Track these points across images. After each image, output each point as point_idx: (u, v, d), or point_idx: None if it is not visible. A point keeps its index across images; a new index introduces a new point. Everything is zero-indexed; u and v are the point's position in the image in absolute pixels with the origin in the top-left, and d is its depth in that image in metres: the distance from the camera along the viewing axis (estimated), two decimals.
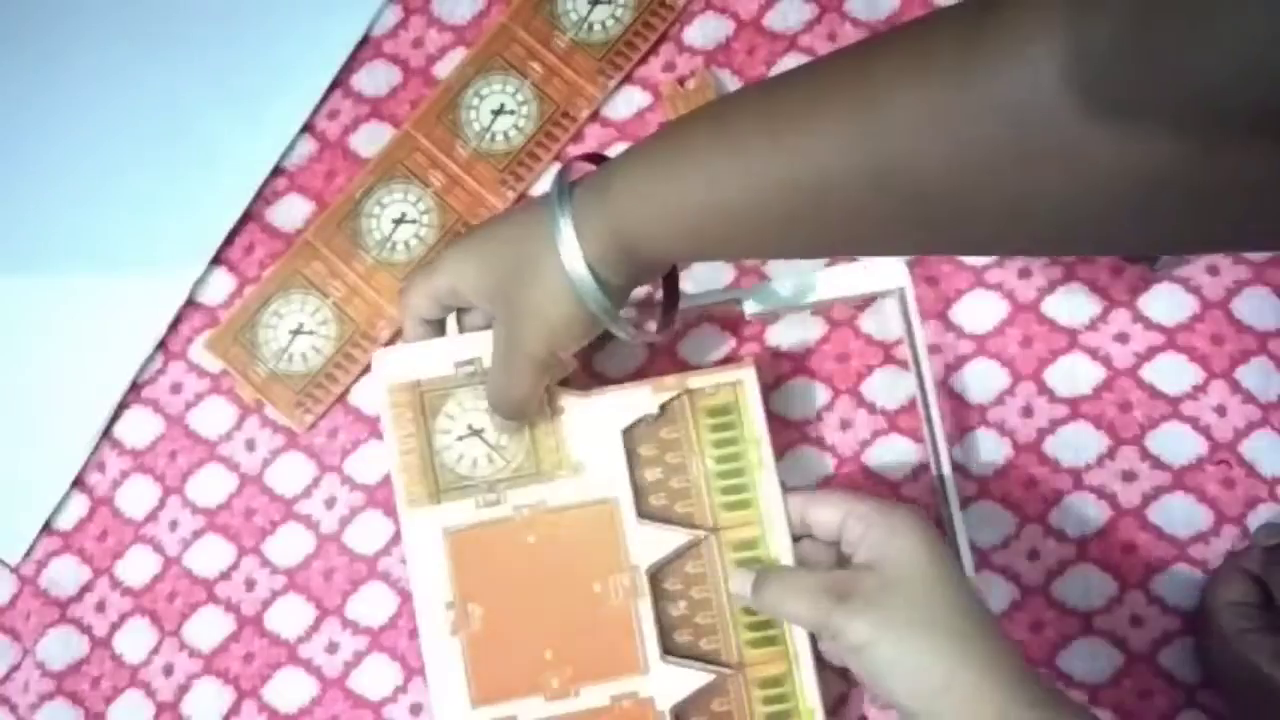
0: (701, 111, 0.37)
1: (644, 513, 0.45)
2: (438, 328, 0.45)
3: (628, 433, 0.45)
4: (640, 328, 0.46)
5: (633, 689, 0.43)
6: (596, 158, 0.42)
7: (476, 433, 0.45)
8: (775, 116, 0.33)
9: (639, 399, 0.45)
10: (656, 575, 0.44)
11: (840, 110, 0.31)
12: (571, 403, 0.45)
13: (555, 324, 0.40)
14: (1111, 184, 0.27)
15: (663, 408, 0.45)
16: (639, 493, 0.45)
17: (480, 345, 0.44)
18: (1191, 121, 0.25)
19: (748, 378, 0.45)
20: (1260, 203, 0.27)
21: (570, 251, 0.38)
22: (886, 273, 0.47)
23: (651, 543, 0.44)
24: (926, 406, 0.47)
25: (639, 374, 0.50)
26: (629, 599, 0.44)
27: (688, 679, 0.43)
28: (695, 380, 0.45)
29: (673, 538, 0.44)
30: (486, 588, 0.44)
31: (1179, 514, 0.48)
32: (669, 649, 0.44)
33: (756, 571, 0.43)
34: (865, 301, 0.50)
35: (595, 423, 0.44)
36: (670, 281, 0.45)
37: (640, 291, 0.49)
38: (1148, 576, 0.47)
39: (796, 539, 0.44)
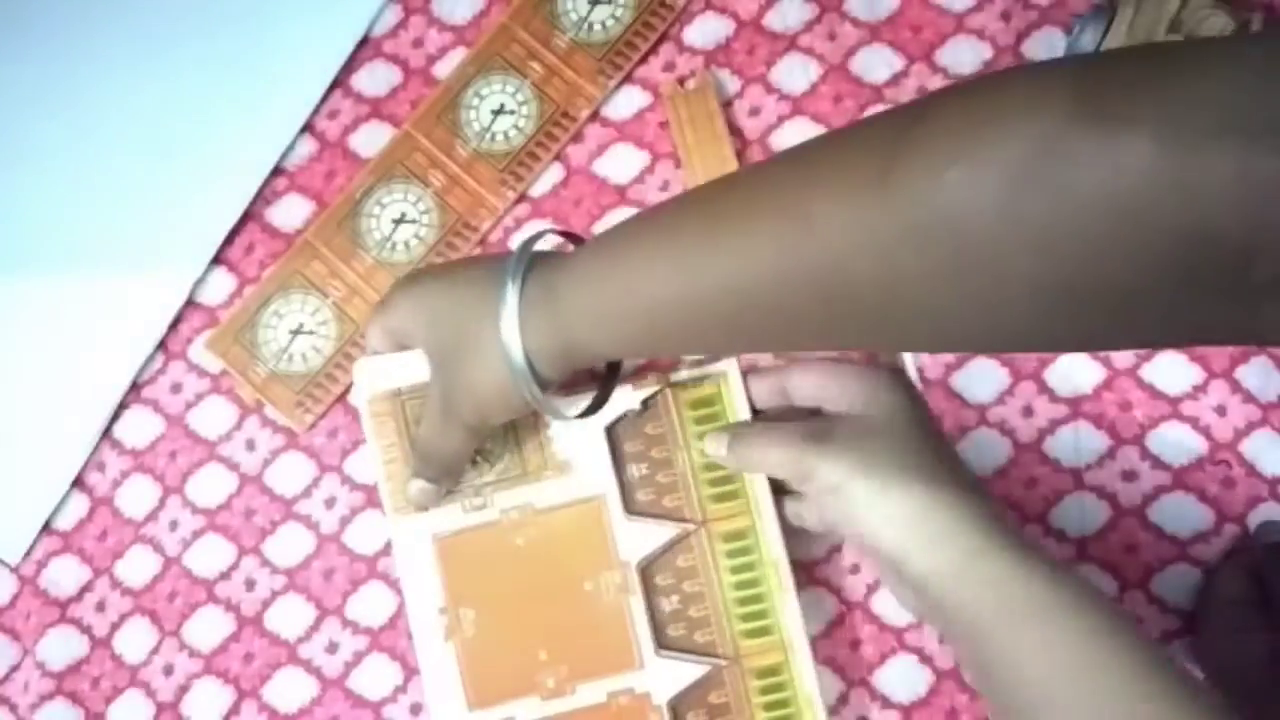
0: (653, 210, 0.37)
1: (632, 509, 0.45)
2: None
3: (611, 430, 0.45)
4: (570, 397, 0.45)
5: (629, 685, 0.44)
6: (572, 236, 0.42)
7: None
8: (717, 218, 0.33)
9: (621, 396, 0.45)
10: (647, 570, 0.45)
11: (773, 218, 0.31)
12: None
13: (488, 398, 0.40)
14: (1036, 299, 0.27)
15: (645, 403, 0.45)
16: (626, 489, 0.45)
17: None
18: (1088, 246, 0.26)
19: (731, 369, 0.45)
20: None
21: (511, 340, 0.38)
22: None
23: (640, 538, 0.44)
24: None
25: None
26: (621, 596, 0.44)
27: (683, 672, 0.44)
28: (678, 375, 0.46)
29: (662, 532, 0.44)
30: (478, 592, 0.44)
31: (1179, 513, 0.48)
32: (663, 643, 0.44)
33: (730, 429, 0.43)
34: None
35: (579, 421, 0.44)
36: (613, 367, 0.44)
37: None
38: (1147, 576, 0.47)
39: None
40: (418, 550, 0.44)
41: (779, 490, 0.45)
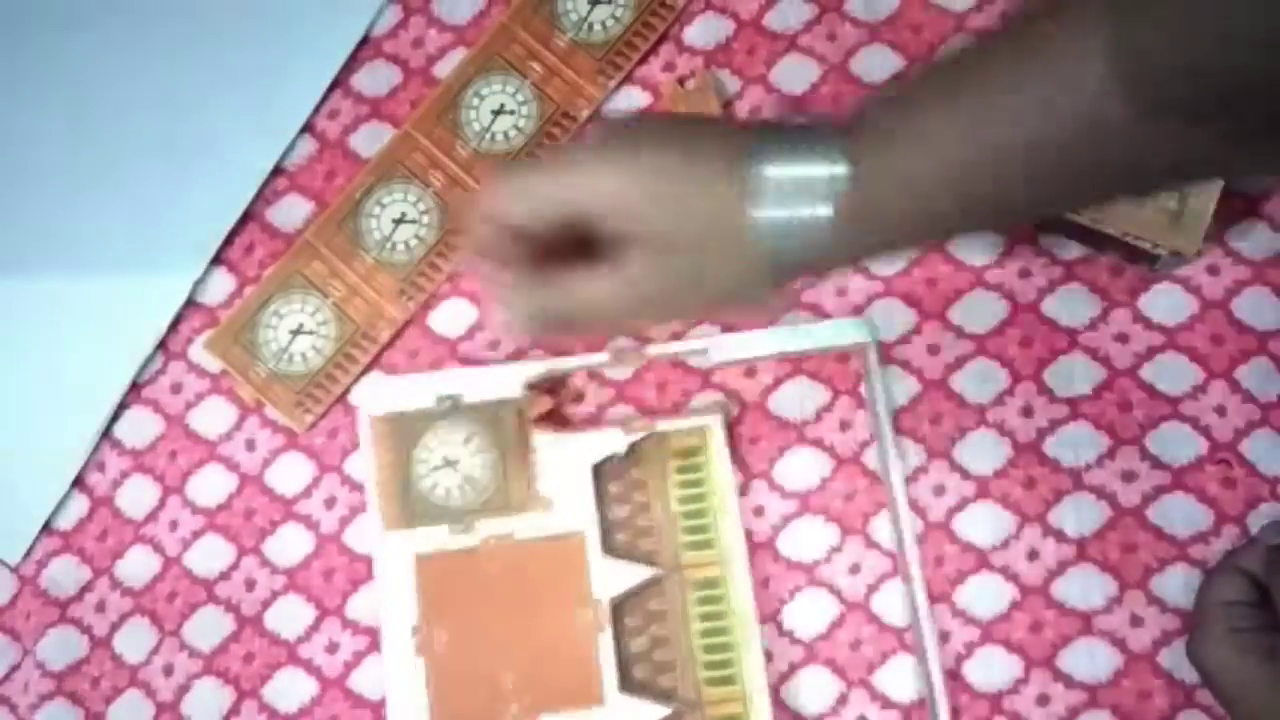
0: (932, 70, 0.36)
1: (609, 548, 0.46)
2: (520, 248, 0.36)
3: (598, 469, 0.46)
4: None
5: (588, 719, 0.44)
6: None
7: (451, 464, 0.47)
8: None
9: (610, 439, 0.46)
10: (618, 610, 0.45)
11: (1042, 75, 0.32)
12: (545, 440, 0.47)
13: (727, 292, 0.36)
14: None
15: (632, 448, 0.46)
16: (605, 528, 0.46)
17: (460, 382, 0.47)
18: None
19: (715, 424, 0.47)
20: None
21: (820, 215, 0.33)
22: (853, 330, 0.48)
23: (615, 577, 0.45)
24: (891, 494, 0.48)
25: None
26: (591, 632, 0.45)
27: (644, 713, 0.44)
28: (664, 424, 0.47)
29: (636, 573, 0.45)
30: (452, 614, 0.45)
31: (1179, 514, 0.47)
32: (627, 683, 0.44)
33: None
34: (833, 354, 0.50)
35: (567, 459, 0.46)
36: None
37: None
38: (1147, 576, 0.47)
39: None
40: (399, 567, 0.46)
41: None
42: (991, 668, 0.47)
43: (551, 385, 0.49)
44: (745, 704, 0.45)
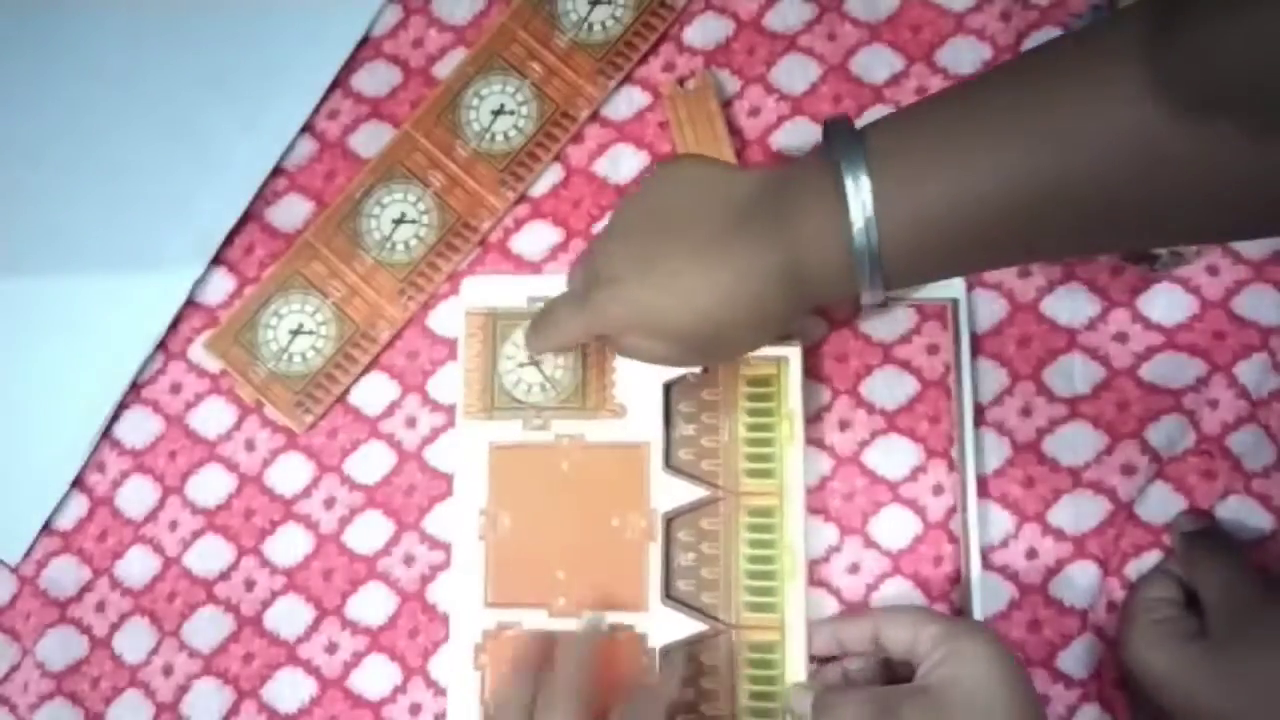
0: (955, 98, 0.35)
1: (671, 463, 0.48)
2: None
3: (670, 387, 0.48)
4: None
5: (630, 623, 0.46)
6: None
7: (535, 363, 0.49)
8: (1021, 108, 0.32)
9: None
10: (672, 523, 0.47)
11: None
12: None
13: (752, 334, 0.41)
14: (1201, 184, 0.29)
15: (707, 369, 0.48)
16: (670, 444, 0.48)
17: (555, 287, 0.47)
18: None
19: (793, 355, 0.47)
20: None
21: (866, 233, 0.34)
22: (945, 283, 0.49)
23: (672, 491, 0.47)
24: (962, 427, 0.48)
25: None
26: (642, 539, 0.47)
27: (683, 625, 0.46)
28: None
29: (693, 490, 0.47)
30: (518, 502, 0.48)
31: (1158, 504, 0.47)
32: (670, 594, 0.46)
33: (816, 691, 0.43)
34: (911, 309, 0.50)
35: (643, 372, 0.47)
36: None
37: None
38: (1122, 563, 0.47)
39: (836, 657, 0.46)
40: (475, 453, 0.48)
41: None
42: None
43: None
44: (782, 633, 0.46)
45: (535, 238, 0.52)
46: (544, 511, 0.48)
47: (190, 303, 0.53)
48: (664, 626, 0.46)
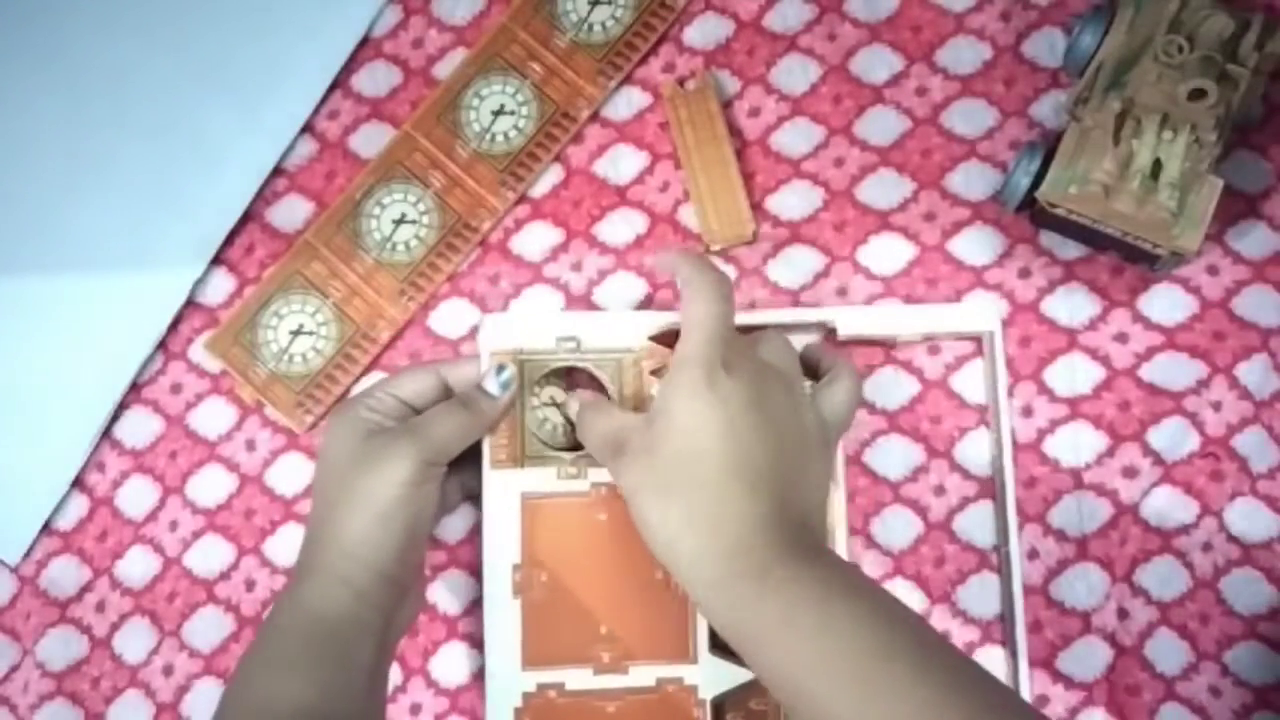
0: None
1: None
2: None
3: None
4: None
5: (679, 675, 0.44)
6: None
7: (559, 404, 0.47)
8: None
9: None
10: None
11: None
12: None
13: None
14: None
15: None
16: None
17: (582, 325, 0.46)
18: None
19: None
20: None
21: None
22: (980, 315, 0.49)
23: None
24: (1001, 462, 0.48)
25: None
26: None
27: (732, 674, 0.44)
28: None
29: None
30: (554, 556, 0.45)
31: (1166, 507, 0.47)
32: (717, 643, 0.45)
33: (582, 401, 0.44)
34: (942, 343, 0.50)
35: None
36: None
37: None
38: (1139, 572, 0.47)
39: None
40: (505, 505, 0.45)
41: None
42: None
43: (673, 339, 0.48)
44: None
45: (535, 238, 0.52)
46: (582, 565, 0.45)
47: (190, 303, 0.53)
48: (714, 677, 0.44)
